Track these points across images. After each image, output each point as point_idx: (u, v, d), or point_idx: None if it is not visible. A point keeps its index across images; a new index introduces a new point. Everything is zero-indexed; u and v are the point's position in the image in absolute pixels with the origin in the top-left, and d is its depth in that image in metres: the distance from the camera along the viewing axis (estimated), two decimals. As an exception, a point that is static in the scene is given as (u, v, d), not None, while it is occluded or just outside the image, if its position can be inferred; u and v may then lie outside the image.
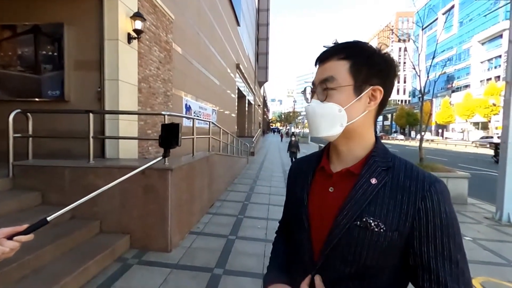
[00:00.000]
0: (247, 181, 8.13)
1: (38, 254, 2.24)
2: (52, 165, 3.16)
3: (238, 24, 19.07)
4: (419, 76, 7.55)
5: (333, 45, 0.75)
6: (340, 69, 0.67)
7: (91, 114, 3.26)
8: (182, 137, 3.59)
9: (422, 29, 7.90)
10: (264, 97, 54.65)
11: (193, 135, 4.36)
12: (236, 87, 19.19)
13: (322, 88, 0.69)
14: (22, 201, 2.88)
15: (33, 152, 3.48)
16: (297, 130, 67.37)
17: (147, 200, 3.11)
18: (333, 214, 0.68)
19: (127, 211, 3.11)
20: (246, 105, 25.86)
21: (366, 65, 0.67)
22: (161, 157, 1.01)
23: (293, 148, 11.47)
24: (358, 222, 0.64)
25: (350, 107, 0.67)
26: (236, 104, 19.72)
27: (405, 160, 0.71)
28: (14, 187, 3.08)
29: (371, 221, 0.63)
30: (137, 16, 4.91)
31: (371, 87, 0.68)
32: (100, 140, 4.69)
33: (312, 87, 0.74)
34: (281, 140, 37.02)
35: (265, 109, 64.89)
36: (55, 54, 4.86)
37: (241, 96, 22.28)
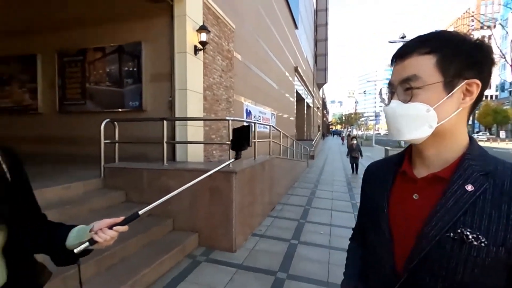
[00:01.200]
0: (307, 185, 7.97)
1: (125, 245, 2.55)
2: (133, 167, 3.57)
3: (296, 27, 19.01)
4: (510, 65, 6.46)
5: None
6: (425, 65, 0.60)
7: (165, 122, 3.58)
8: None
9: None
10: (323, 99, 53.22)
11: (254, 139, 4.45)
12: (295, 90, 19.10)
13: (403, 88, 0.62)
14: (110, 198, 3.32)
15: (118, 156, 3.99)
16: (359, 132, 63.81)
17: (213, 201, 3.28)
18: (419, 224, 0.61)
19: (195, 211, 3.33)
20: (305, 108, 25.53)
21: (456, 57, 0.59)
22: (234, 159, 1.06)
23: (354, 152, 10.16)
24: (451, 234, 0.57)
25: (440, 105, 0.59)
26: (295, 107, 19.62)
27: (511, 164, 0.61)
28: (104, 186, 3.57)
29: (468, 233, 0.55)
30: (202, 29, 5.27)
31: (465, 81, 0.59)
32: (171, 144, 5.11)
33: (389, 87, 0.67)
34: (342, 143, 35.55)
35: (324, 112, 63.08)
36: (135, 69, 5.51)
37: (299, 99, 22.09)
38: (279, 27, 14.37)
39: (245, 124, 1.06)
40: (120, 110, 5.61)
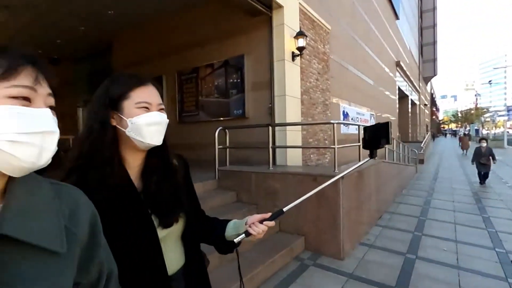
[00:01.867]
0: (419, 193, 7.03)
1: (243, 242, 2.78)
2: (243, 170, 3.88)
3: (397, 17, 17.21)
4: None
5: None
6: None
7: (270, 128, 3.77)
8: (345, 145, 3.53)
9: None
10: (431, 95, 46.17)
11: (359, 141, 4.21)
12: (396, 87, 17.23)
13: None
14: (224, 198, 3.69)
15: (223, 160, 4.38)
16: (484, 131, 52.55)
17: (319, 206, 3.24)
18: None
19: (301, 214, 3.36)
20: (409, 105, 22.71)
21: None
22: (368, 158, 1.03)
23: (483, 157, 7.94)
24: None
25: None
26: (397, 105, 17.67)
27: None
28: (218, 187, 4.00)
29: None
30: (299, 35, 5.35)
31: None
32: (272, 149, 5.33)
33: None
34: (460, 144, 29.96)
35: (434, 109, 54.52)
36: (238, 80, 6.01)
37: (402, 96, 19.79)
38: (378, 21, 13.29)
39: (380, 122, 1.02)
40: (226, 118, 6.20)
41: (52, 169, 0.59)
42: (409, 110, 22.95)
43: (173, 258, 0.89)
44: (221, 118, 6.23)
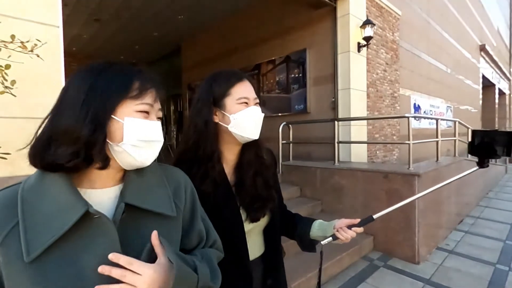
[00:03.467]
0: (509, 196, 6.07)
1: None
2: (307, 165, 3.87)
3: (482, -6, 14.92)
4: None
5: None
6: None
7: (336, 122, 3.67)
8: (422, 141, 3.23)
9: None
10: (526, 82, 39.02)
11: (437, 137, 3.83)
12: (480, 75, 15.01)
13: None
14: (288, 192, 3.74)
15: (287, 155, 4.41)
16: None
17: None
18: None
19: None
20: (496, 95, 19.57)
21: None
22: (477, 167, 0.94)
23: None
24: None
25: None
26: (480, 96, 15.42)
27: None
28: (282, 181, 4.06)
29: None
30: (366, 23, 5.04)
31: None
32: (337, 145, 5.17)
33: None
34: None
35: (529, 98, 45.90)
36: (300, 75, 5.96)
37: (487, 85, 17.15)
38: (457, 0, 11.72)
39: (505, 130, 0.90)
40: (287, 113, 6.21)
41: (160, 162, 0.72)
42: (496, 100, 19.77)
43: (255, 247, 0.95)
44: (282, 114, 6.27)
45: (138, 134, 0.57)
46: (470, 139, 0.92)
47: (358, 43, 5.22)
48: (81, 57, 9.12)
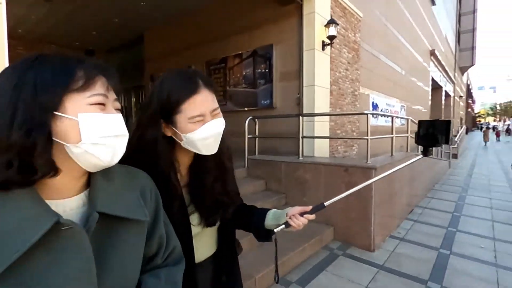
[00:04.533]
0: (452, 188, 6.73)
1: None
2: (272, 159, 3.93)
3: (433, 3, 16.21)
4: None
5: None
6: None
7: (301, 118, 3.77)
8: (380, 137, 3.45)
9: None
10: (468, 86, 43.30)
11: (392, 133, 4.10)
12: (430, 78, 16.35)
13: None
14: (254, 186, 3.77)
15: (252, 149, 4.44)
16: (525, 126, 48.67)
17: (349, 197, 3.21)
18: None
19: (331, 204, 3.35)
20: (443, 97, 21.47)
21: None
22: (421, 156, 1.00)
23: None
24: None
25: None
26: (429, 97, 16.80)
27: None
28: (248, 175, 4.08)
29: None
30: (330, 23, 5.21)
31: None
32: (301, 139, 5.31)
33: None
34: (498, 139, 28.13)
35: (469, 101, 51.16)
36: (267, 70, 6.00)
37: (435, 87, 18.73)
38: (412, 7, 12.59)
39: (439, 119, 0.97)
40: (253, 108, 6.23)
41: None
42: (443, 102, 21.72)
43: (207, 246, 0.93)
44: (248, 108, 6.28)
45: (97, 130, 0.51)
46: (417, 130, 0.97)
47: (323, 42, 5.38)
48: (28, 40, 8.27)
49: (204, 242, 0.92)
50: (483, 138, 23.63)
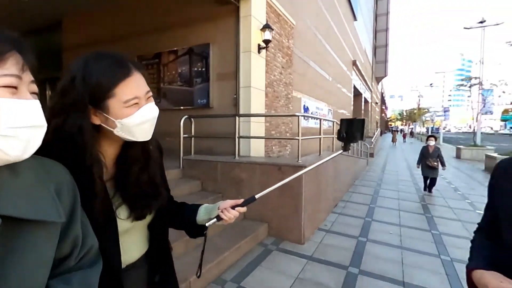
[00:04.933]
0: (369, 183, 7.66)
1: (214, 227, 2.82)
2: (208, 159, 3.89)
3: (355, 19, 18.15)
4: None
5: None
6: None
7: (237, 118, 3.81)
8: (309, 137, 3.72)
9: None
10: (382, 94, 49.82)
11: (320, 134, 4.46)
12: (352, 85, 18.32)
13: None
14: (189, 187, 3.68)
15: (188, 149, 4.35)
16: (423, 129, 58.07)
17: (282, 194, 3.40)
18: None
19: (265, 202, 3.50)
20: (362, 103, 24.28)
21: None
22: (341, 151, 1.11)
23: (430, 159, 6.22)
24: None
25: None
26: (352, 102, 18.81)
27: None
28: (183, 176, 3.96)
29: None
30: (266, 27, 5.41)
31: None
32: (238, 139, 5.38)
33: None
34: (404, 141, 33.01)
35: (383, 107, 58.98)
36: (203, 69, 5.92)
37: (357, 94, 21.08)
38: (338, 20, 13.91)
39: (357, 118, 1.09)
40: (189, 107, 6.08)
41: None
42: (362, 107, 24.55)
43: (136, 245, 0.88)
44: (184, 107, 6.10)
45: (7, 119, 0.43)
46: (338, 128, 1.08)
47: (259, 45, 5.56)
48: None
49: (136, 239, 0.87)
50: (392, 139, 27.72)
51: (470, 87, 18.24)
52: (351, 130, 1.03)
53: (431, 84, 41.28)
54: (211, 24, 5.82)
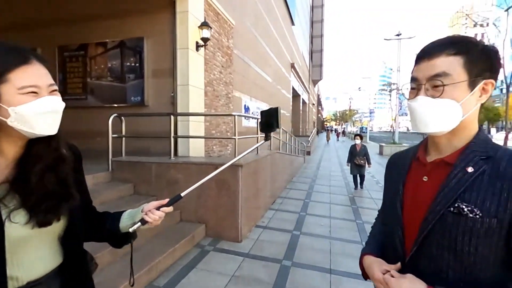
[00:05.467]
0: (305, 179, 8.14)
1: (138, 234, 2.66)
2: (141, 161, 3.66)
3: (293, 23, 19.07)
4: (502, 65, 6.66)
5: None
6: (454, 65, 0.67)
7: (172, 117, 3.67)
8: (248, 136, 3.81)
9: (506, 11, 6.96)
10: (318, 96, 53.42)
11: (257, 134, 4.57)
12: (291, 87, 19.22)
13: (432, 85, 0.69)
14: (119, 190, 3.42)
15: (117, 150, 4.04)
16: (354, 129, 64.07)
17: (219, 193, 3.40)
18: (427, 202, 0.70)
19: (202, 202, 3.45)
20: (301, 104, 25.69)
21: (479, 59, 0.68)
22: (264, 141, 1.14)
23: (358, 157, 6.58)
24: (452, 209, 0.66)
25: (464, 102, 0.68)
26: (291, 103, 19.75)
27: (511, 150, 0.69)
28: (112, 179, 3.66)
29: (463, 207, 0.64)
30: (204, 25, 5.33)
31: (484, 80, 0.69)
32: (174, 139, 5.19)
33: (414, 83, 0.73)
34: (338, 139, 35.93)
35: (320, 108, 63.35)
36: (137, 65, 5.56)
37: (295, 95, 22.22)
38: (277, 23, 14.44)
39: (272, 107, 1.10)
40: (122, 105, 5.65)
41: None
42: (301, 108, 25.99)
43: (41, 259, 0.79)
44: (116, 105, 5.64)
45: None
46: (260, 119, 1.08)
47: (197, 42, 5.44)
48: None
49: (40, 252, 0.77)
50: (326, 138, 30.97)
51: (390, 91, 20.78)
52: (268, 120, 1.07)
53: (359, 88, 45.85)
54: (145, 17, 5.49)
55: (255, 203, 4.03)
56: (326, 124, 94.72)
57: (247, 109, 9.64)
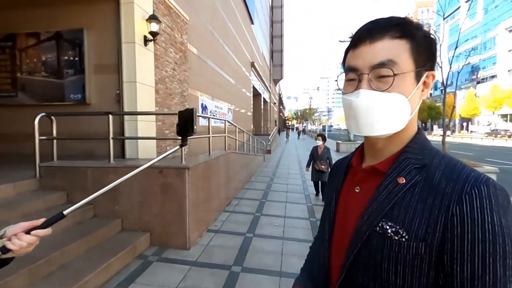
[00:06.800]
0: (264, 179, 8.12)
1: (64, 250, 2.34)
2: (75, 165, 3.29)
3: (252, 22, 19.05)
4: (441, 67, 7.24)
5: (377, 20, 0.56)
6: (400, 50, 0.54)
7: (110, 116, 3.35)
8: (199, 136, 3.60)
9: (444, 19, 7.57)
10: (279, 95, 54.31)
11: (209, 133, 4.39)
12: (251, 86, 19.20)
13: (376, 75, 0.55)
14: (48, 200, 3.02)
15: (58, 154, 3.63)
16: (314, 127, 66.32)
17: (165, 199, 3.17)
18: (356, 218, 0.58)
19: (146, 209, 3.19)
20: (262, 103, 25.84)
21: (425, 46, 0.56)
22: (178, 147, 0.99)
23: (319, 161, 5.64)
24: (377, 228, 0.53)
25: (411, 97, 0.55)
26: (252, 102, 19.74)
27: (450, 158, 0.57)
28: (40, 187, 3.23)
29: (387, 227, 0.52)
30: (152, 18, 5.00)
31: (426, 72, 0.57)
32: (120, 141, 4.81)
33: (354, 72, 0.57)
34: (298, 138, 36.88)
35: (281, 107, 64.54)
36: (76, 59, 5.05)
37: (256, 94, 22.27)
38: (235, 22, 14.27)
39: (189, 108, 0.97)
40: (60, 103, 5.09)
41: None
42: (262, 107, 26.15)
43: None
44: (53, 103, 5.06)
45: None
46: (178, 122, 0.94)
47: (145, 37, 5.08)
48: None
49: None
50: (285, 136, 33.75)
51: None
52: (184, 124, 0.93)
53: (318, 88, 47.50)
54: (84, 7, 5.00)
55: (206, 206, 3.85)
56: (288, 123, 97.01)
57: (204, 108, 9.36)
